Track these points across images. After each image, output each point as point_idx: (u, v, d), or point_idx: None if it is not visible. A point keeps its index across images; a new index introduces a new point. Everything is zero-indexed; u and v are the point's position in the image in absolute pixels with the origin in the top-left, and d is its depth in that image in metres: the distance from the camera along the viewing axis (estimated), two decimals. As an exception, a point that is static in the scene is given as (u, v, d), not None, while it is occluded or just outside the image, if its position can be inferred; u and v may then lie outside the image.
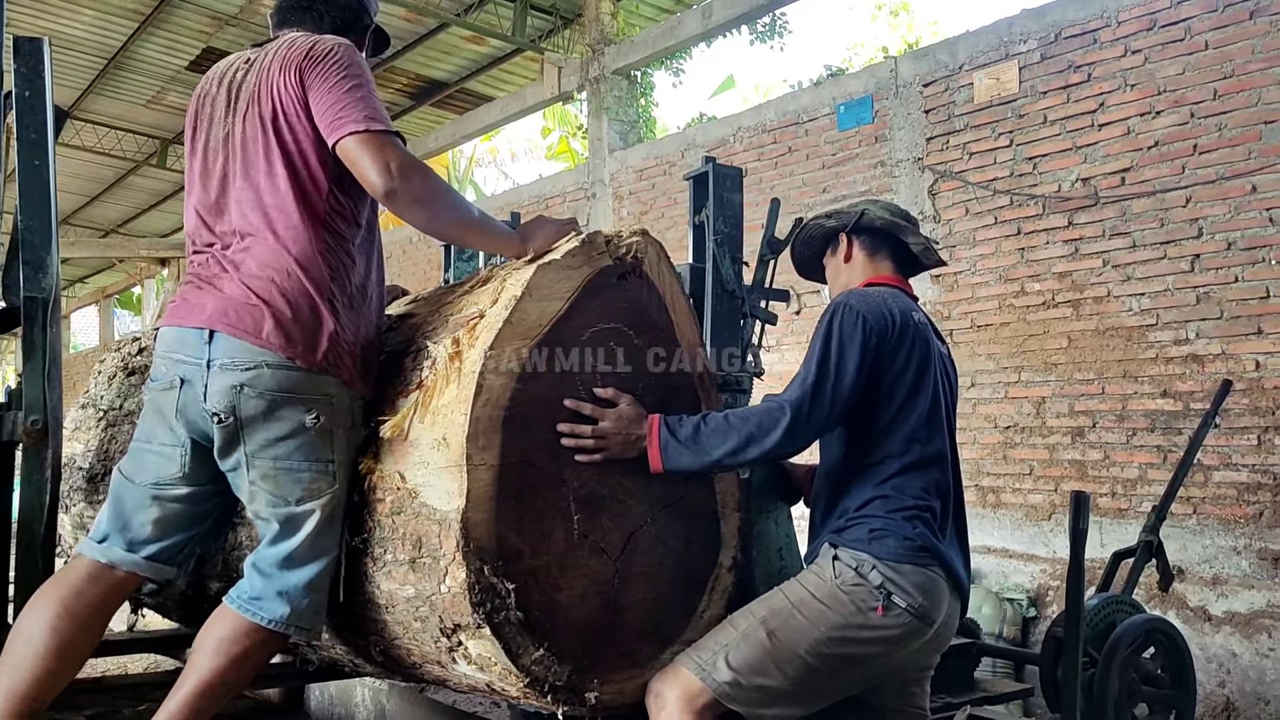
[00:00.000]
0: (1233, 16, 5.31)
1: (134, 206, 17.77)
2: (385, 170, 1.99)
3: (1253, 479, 5.16)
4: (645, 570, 2.21)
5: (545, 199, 10.06)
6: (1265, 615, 5.06)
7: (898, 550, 2.17)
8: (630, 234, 2.26)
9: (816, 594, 2.17)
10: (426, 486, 2.02)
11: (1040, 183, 6.11)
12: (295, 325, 2.05)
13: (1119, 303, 5.73)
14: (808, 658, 2.12)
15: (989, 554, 6.27)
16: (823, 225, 2.62)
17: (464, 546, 1.91)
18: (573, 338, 2.13)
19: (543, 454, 2.06)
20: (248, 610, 2.08)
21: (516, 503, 2.00)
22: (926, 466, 2.26)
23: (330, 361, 2.07)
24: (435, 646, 2.08)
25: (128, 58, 11.60)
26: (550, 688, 2.01)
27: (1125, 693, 2.96)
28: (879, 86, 7.09)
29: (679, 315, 2.36)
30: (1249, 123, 5.23)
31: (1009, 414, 6.24)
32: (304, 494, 2.07)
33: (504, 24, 10.26)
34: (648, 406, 2.20)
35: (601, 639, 2.12)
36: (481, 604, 1.91)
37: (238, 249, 2.12)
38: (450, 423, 1.98)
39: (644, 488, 2.22)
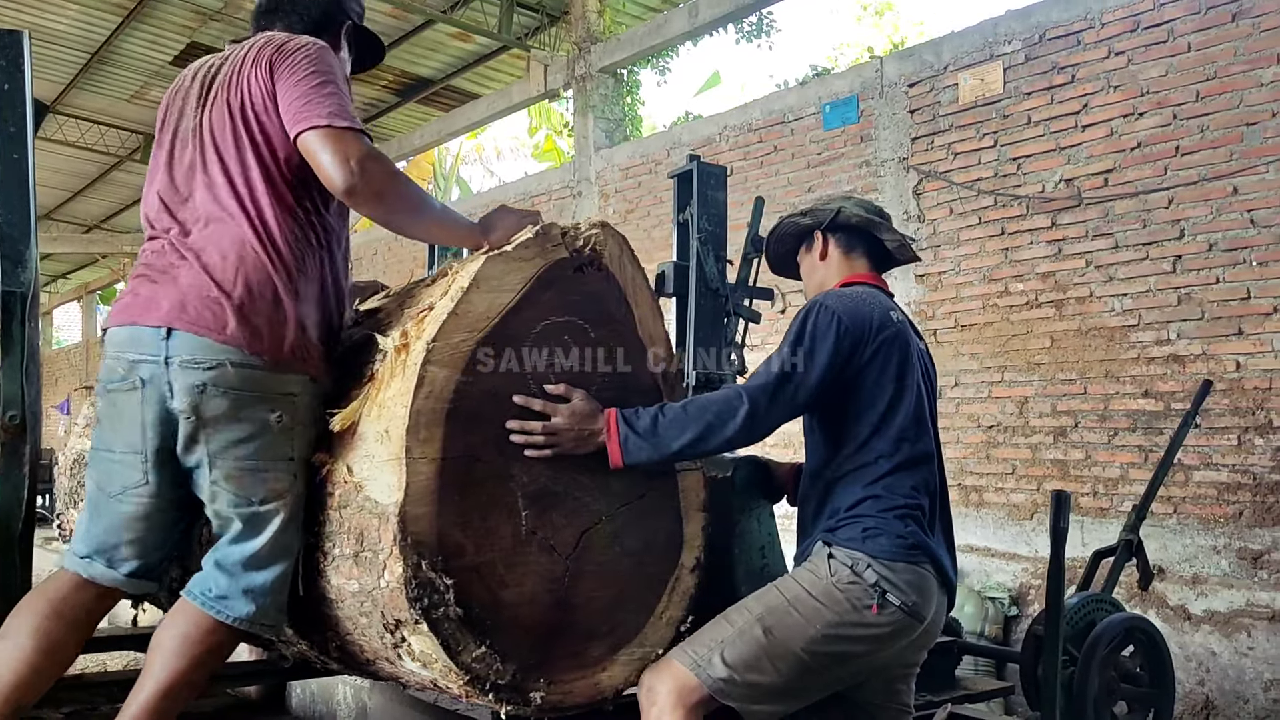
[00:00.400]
0: (1215, 19, 5.34)
1: (117, 202, 17.66)
2: (344, 165, 1.96)
3: (1232, 479, 5.20)
4: (600, 569, 2.17)
5: (531, 196, 10.04)
6: (1244, 614, 5.09)
7: (891, 549, 2.19)
8: (589, 226, 2.24)
9: (812, 591, 2.18)
10: (370, 480, 1.99)
11: (1024, 183, 6.14)
12: (260, 317, 2.02)
13: (1101, 303, 5.76)
14: (803, 655, 2.13)
15: (971, 553, 6.30)
16: (798, 223, 2.62)
17: (401, 540, 1.88)
18: (524, 330, 2.09)
19: (490, 448, 2.03)
20: (213, 608, 2.05)
21: (460, 497, 1.97)
22: (915, 465, 2.28)
23: (297, 355, 2.05)
24: (381, 643, 2.06)
25: (111, 52, 11.52)
26: (492, 686, 1.97)
27: (1105, 691, 2.97)
28: (864, 86, 7.11)
29: (642, 309, 2.32)
30: (1231, 124, 5.26)
31: (992, 413, 6.26)
32: (267, 493, 2.05)
33: (490, 21, 10.24)
34: (605, 402, 2.17)
35: (550, 638, 2.09)
36: (418, 599, 1.88)
37: (200, 234, 2.08)
38: (393, 415, 1.95)
39: (601, 485, 2.19)
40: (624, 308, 2.28)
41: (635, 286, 2.31)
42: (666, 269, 3.17)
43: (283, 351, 2.02)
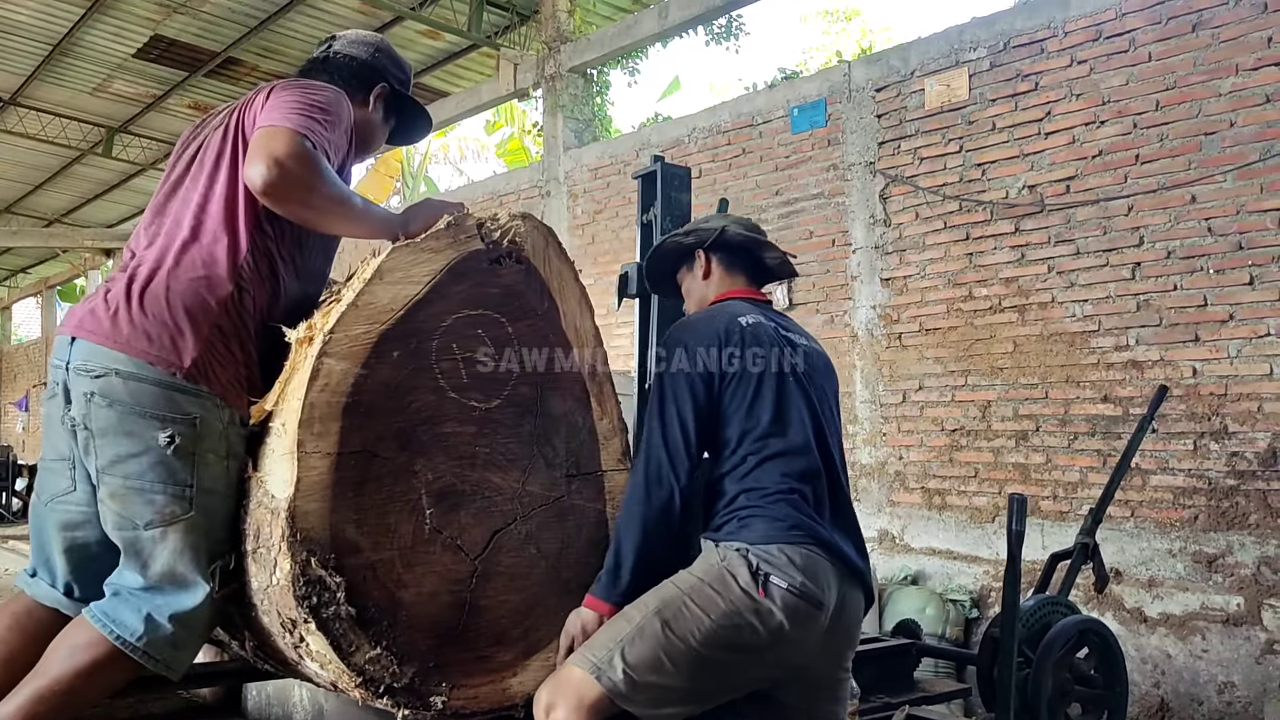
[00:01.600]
0: (1175, 29, 5.42)
1: (78, 196, 17.41)
2: (263, 161, 1.91)
3: (1188, 483, 5.27)
4: (511, 571, 2.11)
5: (500, 195, 10.01)
6: (1199, 617, 5.17)
7: (767, 532, 2.16)
8: (509, 218, 2.19)
9: (705, 578, 2.13)
10: (269, 474, 1.94)
11: (988, 189, 6.19)
12: (161, 326, 1.95)
13: (1063, 308, 5.82)
14: (702, 649, 2.06)
15: (934, 555, 6.35)
16: (680, 242, 2.63)
17: (290, 537, 1.82)
18: (432, 324, 2.03)
19: (391, 444, 1.96)
20: (99, 621, 1.95)
21: (356, 493, 1.91)
22: (786, 455, 2.25)
23: (200, 374, 1.95)
24: (284, 643, 1.99)
25: (73, 44, 11.36)
26: (387, 689, 1.91)
27: (1059, 692, 3.01)
28: (832, 90, 7.15)
29: (568, 304, 2.27)
30: (1189, 134, 5.34)
31: (955, 417, 6.31)
32: (153, 518, 1.94)
33: (460, 19, 10.20)
34: (524, 399, 2.15)
35: (454, 641, 2.02)
36: (306, 597, 1.82)
37: (148, 249, 2.06)
38: (290, 409, 1.90)
39: (516, 486, 2.14)
40: (547, 302, 2.23)
41: (561, 280, 2.27)
42: (630, 270, 3.17)
43: (183, 365, 1.93)
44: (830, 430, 2.40)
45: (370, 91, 2.42)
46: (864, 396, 6.83)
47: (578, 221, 9.06)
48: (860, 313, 6.87)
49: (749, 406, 2.27)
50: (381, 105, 2.45)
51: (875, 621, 6.02)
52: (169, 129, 14.20)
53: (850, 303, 6.94)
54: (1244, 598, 5.02)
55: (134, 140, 14.46)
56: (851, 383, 6.90)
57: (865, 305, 6.83)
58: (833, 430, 2.42)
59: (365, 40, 2.47)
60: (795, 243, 7.27)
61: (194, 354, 1.95)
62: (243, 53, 11.47)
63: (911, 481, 6.55)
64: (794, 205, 7.31)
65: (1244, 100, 5.16)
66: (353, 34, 2.49)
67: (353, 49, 2.43)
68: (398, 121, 2.55)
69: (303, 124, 1.98)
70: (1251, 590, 5.01)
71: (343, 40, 2.46)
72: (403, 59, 2.55)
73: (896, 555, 6.51)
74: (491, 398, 2.13)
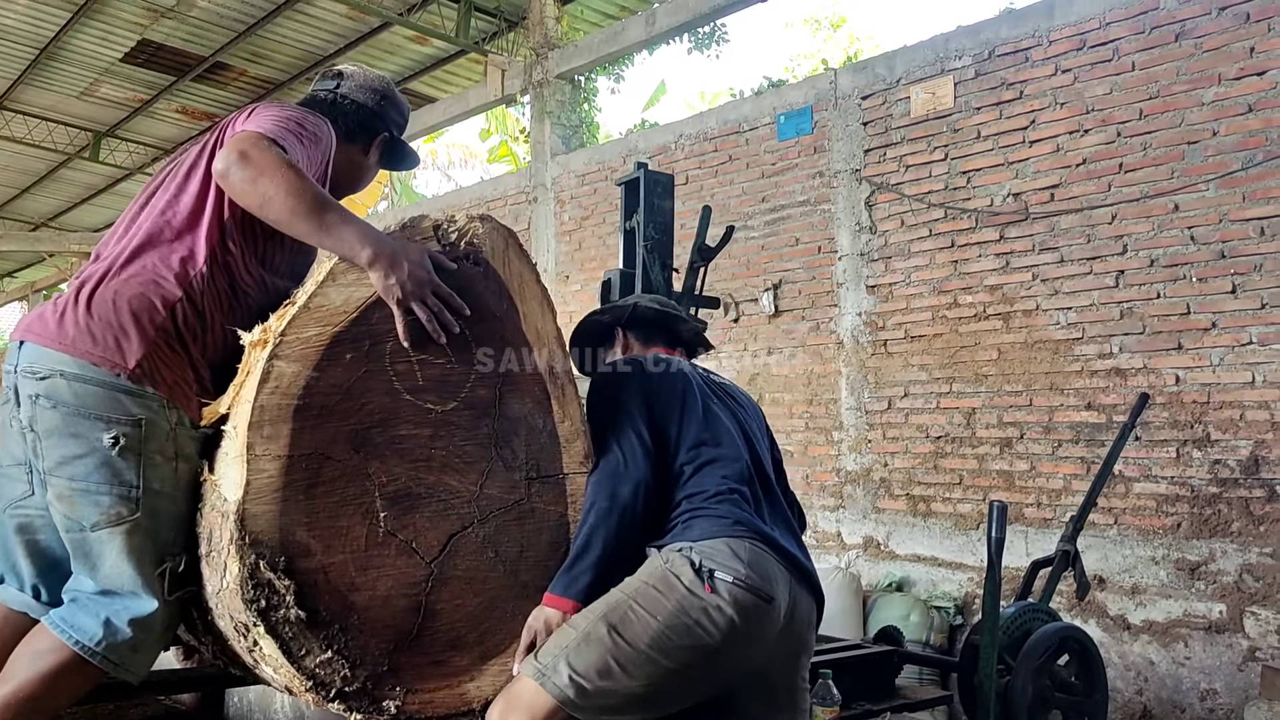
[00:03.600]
0: (1159, 39, 5.45)
1: (65, 200, 17.34)
2: (229, 153, 1.90)
3: (1171, 491, 5.29)
4: (469, 575, 2.09)
5: (487, 201, 10.00)
6: (1182, 624, 5.18)
7: (709, 529, 2.18)
8: (467, 220, 2.19)
9: (650, 581, 2.13)
10: (223, 478, 1.94)
11: (973, 196, 6.21)
12: (106, 327, 1.95)
13: (1047, 316, 5.84)
14: (651, 652, 2.04)
15: (919, 562, 6.36)
16: (599, 321, 2.72)
17: (238, 539, 1.82)
18: (385, 325, 2.02)
19: (343, 446, 1.95)
20: (58, 627, 1.96)
21: (308, 497, 1.90)
22: (721, 461, 2.30)
23: (146, 373, 1.95)
24: (240, 646, 1.99)
25: (60, 48, 11.31)
26: (338, 694, 1.90)
27: (1039, 699, 3.01)
28: (819, 98, 7.17)
29: (528, 305, 2.25)
30: (1172, 143, 5.37)
31: (940, 424, 6.32)
32: (99, 519, 1.94)
33: (448, 25, 10.19)
34: (482, 401, 2.15)
35: (408, 645, 2.01)
36: (255, 601, 1.82)
37: (101, 259, 2.07)
38: (242, 411, 1.90)
39: (474, 488, 2.12)
40: (505, 303, 2.21)
41: (522, 282, 2.25)
42: (612, 276, 3.18)
43: (128, 366, 1.93)
44: (759, 445, 2.46)
45: (373, 140, 2.45)
46: (849, 403, 6.84)
47: (565, 227, 9.06)
48: (846, 319, 6.88)
49: (679, 419, 2.33)
50: (378, 151, 2.48)
51: (860, 628, 6.03)
52: (157, 133, 14.16)
53: (836, 309, 6.95)
54: (1226, 605, 5.04)
55: (121, 145, 14.41)
56: (837, 389, 6.91)
57: (851, 312, 6.85)
58: (763, 447, 2.48)
59: (373, 86, 2.46)
60: (781, 249, 7.29)
61: (138, 355, 1.95)
62: (231, 57, 11.45)
63: (896, 488, 6.56)
64: (780, 212, 7.33)
65: (1226, 110, 5.19)
66: (360, 77, 2.47)
67: (360, 95, 2.43)
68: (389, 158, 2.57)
69: (278, 132, 1.98)
70: (1234, 598, 5.02)
71: (350, 83, 2.44)
72: (404, 102, 2.56)
73: (881, 562, 6.51)
74: (448, 400, 2.11)
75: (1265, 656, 4.79)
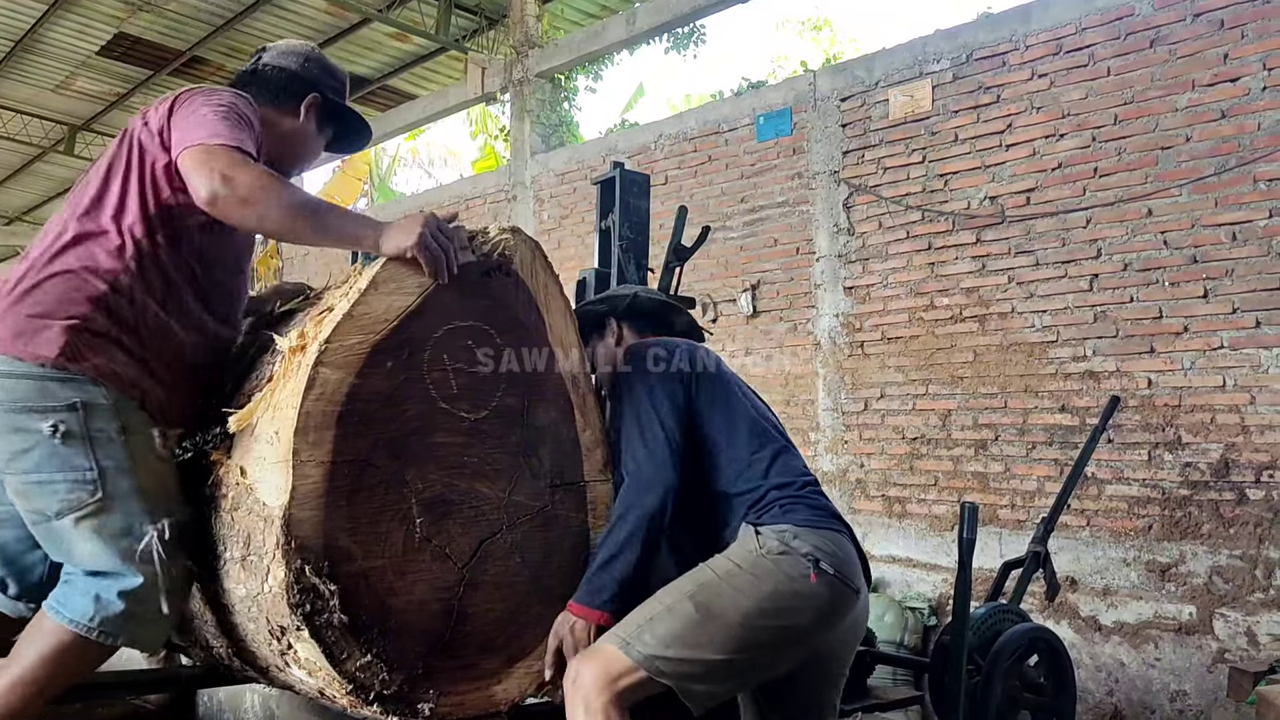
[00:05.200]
0: (1134, 44, 5.49)
1: (41, 194, 17.20)
2: (208, 176, 1.91)
3: (1143, 493, 5.33)
4: (497, 580, 2.13)
5: (467, 200, 9.97)
6: (1152, 626, 5.23)
7: (813, 518, 2.22)
8: (499, 231, 2.22)
9: (744, 565, 2.15)
10: (260, 482, 1.94)
11: (950, 199, 6.24)
12: (27, 321, 1.95)
13: (1022, 319, 5.88)
14: (740, 629, 2.07)
15: (894, 564, 6.38)
16: (594, 310, 2.71)
17: (284, 544, 1.84)
18: (424, 334, 2.05)
19: (383, 453, 1.98)
20: (52, 610, 2.00)
21: (349, 502, 1.92)
22: (790, 451, 2.37)
23: (71, 358, 1.94)
24: (270, 650, 2.01)
25: (36, 41, 11.21)
26: (377, 696, 1.93)
27: (1008, 699, 3.03)
28: (798, 99, 7.18)
29: (554, 317, 2.30)
30: (1147, 148, 5.41)
31: (916, 426, 6.35)
32: (61, 507, 1.96)
33: (428, 22, 10.16)
34: (511, 410, 2.18)
35: (441, 648, 2.04)
36: (300, 605, 1.84)
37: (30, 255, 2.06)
38: (284, 417, 1.90)
39: (503, 495, 2.16)
40: (534, 314, 2.26)
41: (548, 293, 2.29)
42: (587, 276, 3.17)
43: (51, 355, 1.93)
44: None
45: (301, 101, 2.37)
46: (826, 404, 6.86)
47: (544, 227, 9.05)
48: (823, 321, 6.90)
49: (728, 405, 2.35)
50: (314, 115, 2.40)
51: (835, 629, 6.03)
52: (133, 128, 14.05)
53: (814, 311, 6.97)
54: (1196, 607, 5.08)
55: (97, 139, 14.29)
56: (814, 390, 6.93)
57: (829, 313, 6.87)
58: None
59: (295, 50, 2.42)
60: (760, 250, 7.30)
61: (60, 344, 1.94)
62: (208, 52, 11.38)
63: (872, 489, 6.58)
64: (759, 213, 7.34)
65: (1200, 115, 5.24)
66: (283, 44, 2.44)
67: (282, 60, 2.39)
68: (336, 131, 2.50)
69: (231, 135, 1.97)
70: (1204, 599, 5.07)
71: (272, 52, 2.41)
72: (337, 67, 2.50)
73: (857, 563, 6.53)
74: (480, 408, 2.15)
75: (1234, 658, 4.84)
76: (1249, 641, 4.88)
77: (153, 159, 2.06)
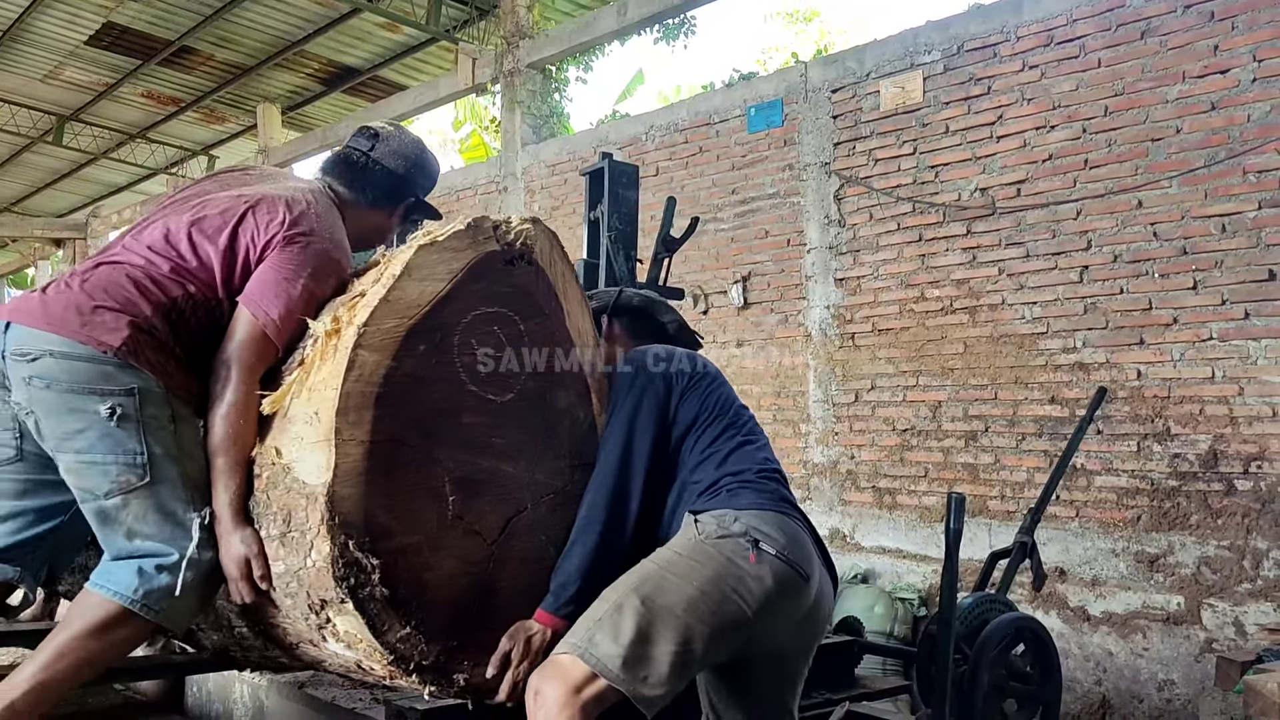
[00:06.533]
0: (1125, 36, 5.49)
1: (28, 184, 17.11)
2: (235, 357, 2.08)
3: (1132, 484, 5.35)
4: (523, 556, 2.22)
5: (457, 191, 9.95)
6: (1140, 616, 5.25)
7: (757, 500, 2.21)
8: (520, 221, 2.29)
9: (683, 553, 2.14)
10: (299, 461, 2.01)
11: (941, 191, 6.24)
12: (95, 308, 2.04)
13: (1012, 310, 5.88)
14: (686, 618, 2.03)
15: (884, 554, 6.40)
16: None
17: (329, 520, 1.91)
18: (454, 319, 2.13)
19: (416, 433, 2.06)
20: (97, 586, 2.06)
21: (387, 480, 2.00)
22: (755, 444, 2.37)
23: (131, 352, 2.03)
24: (306, 624, 2.08)
25: (24, 30, 11.15)
26: (416, 666, 2.01)
27: (994, 687, 3.04)
28: (789, 91, 7.17)
29: (571, 304, 2.39)
30: (1137, 139, 5.41)
31: (907, 417, 6.36)
32: (111, 487, 2.03)
33: (418, 12, 10.13)
34: (532, 393, 2.24)
35: (472, 621, 2.12)
36: (345, 578, 1.91)
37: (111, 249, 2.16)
38: (323, 398, 1.98)
39: (526, 474, 2.24)
40: (553, 302, 2.35)
41: (565, 282, 2.38)
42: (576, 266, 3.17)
43: (114, 344, 2.01)
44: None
45: (399, 205, 2.51)
46: (817, 396, 6.86)
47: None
48: (814, 312, 6.90)
49: (705, 401, 2.37)
50: (402, 212, 2.55)
51: (825, 619, 6.04)
52: (121, 118, 13.98)
53: (804, 302, 6.97)
54: (1184, 597, 5.10)
55: (85, 129, 14.23)
56: (805, 382, 6.94)
57: (819, 305, 6.87)
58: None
59: (405, 154, 2.50)
60: (751, 242, 7.30)
61: (124, 336, 2.03)
62: (197, 42, 11.33)
63: (863, 481, 6.59)
64: (750, 204, 7.33)
65: (1190, 107, 5.24)
66: (395, 140, 2.51)
67: (391, 161, 2.47)
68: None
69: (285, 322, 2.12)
70: (1191, 590, 5.09)
71: (384, 148, 2.48)
72: (434, 166, 2.60)
73: (847, 554, 6.54)
74: (505, 391, 2.23)
75: (1221, 648, 4.86)
76: (1236, 631, 4.90)
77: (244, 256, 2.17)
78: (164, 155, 15.40)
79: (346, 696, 3.22)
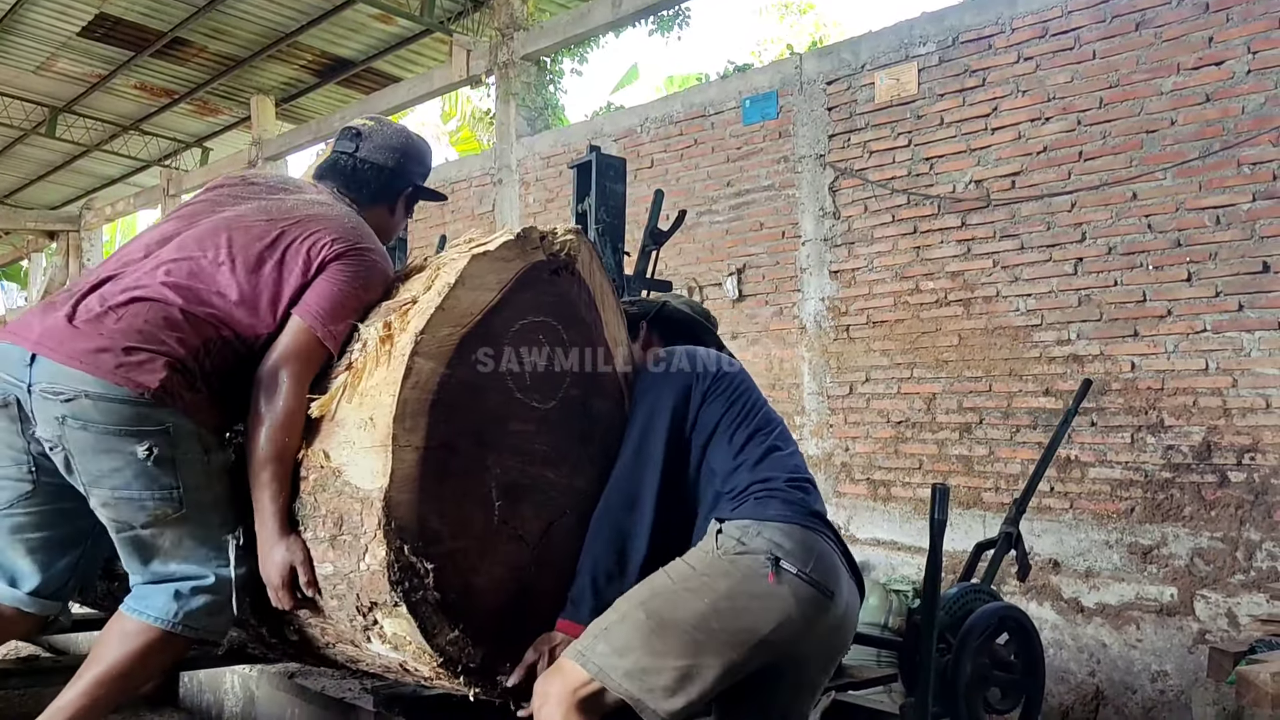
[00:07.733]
0: (1120, 28, 5.48)
1: (21, 176, 17.05)
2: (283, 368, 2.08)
3: (1125, 476, 5.35)
4: (561, 561, 2.25)
5: (452, 183, 9.92)
6: (1134, 607, 5.25)
7: (784, 512, 2.12)
8: (565, 232, 2.33)
9: (698, 567, 2.08)
10: (351, 465, 2.04)
11: (936, 183, 6.23)
12: (125, 348, 1.99)
13: (1007, 303, 5.88)
14: (696, 634, 1.98)
15: (878, 546, 6.40)
16: (626, 312, 2.68)
17: (385, 525, 1.94)
18: (503, 328, 2.18)
19: (467, 440, 2.09)
20: (134, 611, 2.10)
21: (439, 486, 2.03)
22: (785, 451, 2.32)
23: (167, 393, 2.00)
24: (350, 625, 2.10)
25: (16, 21, 11.10)
26: (464, 669, 2.05)
27: (978, 676, 3.05)
28: (784, 82, 7.16)
29: (608, 313, 2.44)
30: (1131, 131, 5.40)
31: (901, 409, 6.36)
32: (149, 519, 2.06)
33: (413, 4, 10.09)
34: (573, 400, 2.28)
35: (515, 624, 2.16)
36: (400, 582, 1.95)
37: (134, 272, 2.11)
38: (378, 404, 2.01)
39: (566, 480, 2.29)
40: (593, 311, 2.40)
41: (602, 291, 2.43)
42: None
43: (152, 385, 1.99)
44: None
45: (397, 197, 2.51)
46: (811, 388, 6.86)
47: (529, 210, 9.01)
48: (809, 305, 6.89)
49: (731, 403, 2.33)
50: (405, 203, 2.54)
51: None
52: (114, 109, 13.94)
53: (799, 295, 6.96)
54: (1177, 589, 5.11)
55: (78, 120, 14.18)
56: (799, 374, 6.93)
57: (814, 297, 6.86)
58: None
59: (391, 145, 2.47)
60: (745, 234, 7.29)
61: (161, 377, 2.00)
62: (191, 33, 11.28)
63: (857, 473, 6.59)
64: (745, 196, 7.32)
65: (1184, 99, 5.23)
66: (378, 135, 2.47)
67: (379, 156, 2.45)
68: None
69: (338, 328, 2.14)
70: (1185, 581, 5.10)
71: (368, 144, 2.45)
72: (425, 149, 2.57)
73: (841, 546, 6.54)
74: (548, 399, 2.28)
75: (1214, 639, 4.86)
76: (1229, 622, 4.91)
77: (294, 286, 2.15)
78: (157, 147, 15.35)
79: (336, 686, 3.22)
